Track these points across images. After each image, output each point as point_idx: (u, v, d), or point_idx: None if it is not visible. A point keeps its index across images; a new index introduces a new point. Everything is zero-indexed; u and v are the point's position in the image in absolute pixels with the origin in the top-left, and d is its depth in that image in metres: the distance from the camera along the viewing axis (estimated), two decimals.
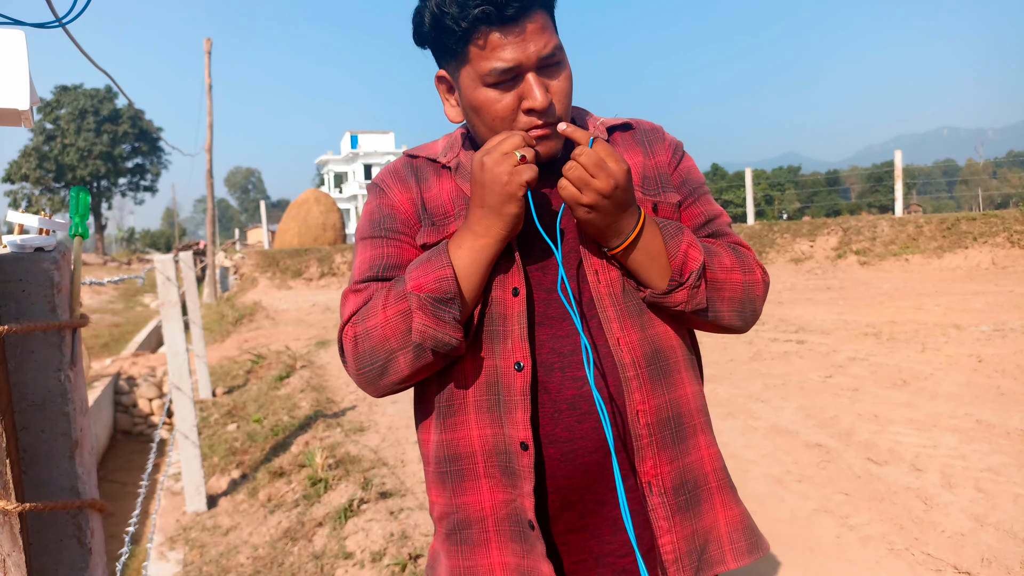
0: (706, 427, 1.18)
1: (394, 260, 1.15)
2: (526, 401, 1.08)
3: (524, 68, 1.05)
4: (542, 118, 1.07)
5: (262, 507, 4.25)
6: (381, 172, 1.26)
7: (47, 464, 0.82)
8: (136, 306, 20.88)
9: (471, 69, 1.07)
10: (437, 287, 1.04)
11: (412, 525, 3.51)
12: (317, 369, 7.61)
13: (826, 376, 5.61)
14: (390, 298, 1.07)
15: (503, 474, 1.11)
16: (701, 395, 1.20)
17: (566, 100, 1.10)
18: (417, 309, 1.04)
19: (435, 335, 1.05)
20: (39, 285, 0.81)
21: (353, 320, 1.11)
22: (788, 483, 3.66)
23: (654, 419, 1.10)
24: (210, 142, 17.60)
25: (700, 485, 1.14)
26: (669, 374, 1.13)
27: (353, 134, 64.66)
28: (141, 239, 76.15)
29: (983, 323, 6.91)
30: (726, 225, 1.24)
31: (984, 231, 11.71)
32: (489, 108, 1.08)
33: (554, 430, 1.09)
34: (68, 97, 50.48)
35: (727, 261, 1.14)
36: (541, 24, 1.04)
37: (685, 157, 1.26)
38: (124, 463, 7.39)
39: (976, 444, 3.91)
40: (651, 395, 1.10)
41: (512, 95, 1.06)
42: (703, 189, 1.25)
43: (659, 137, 1.25)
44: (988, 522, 3.05)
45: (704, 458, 1.16)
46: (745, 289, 1.15)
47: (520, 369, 1.08)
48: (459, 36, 1.05)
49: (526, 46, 1.03)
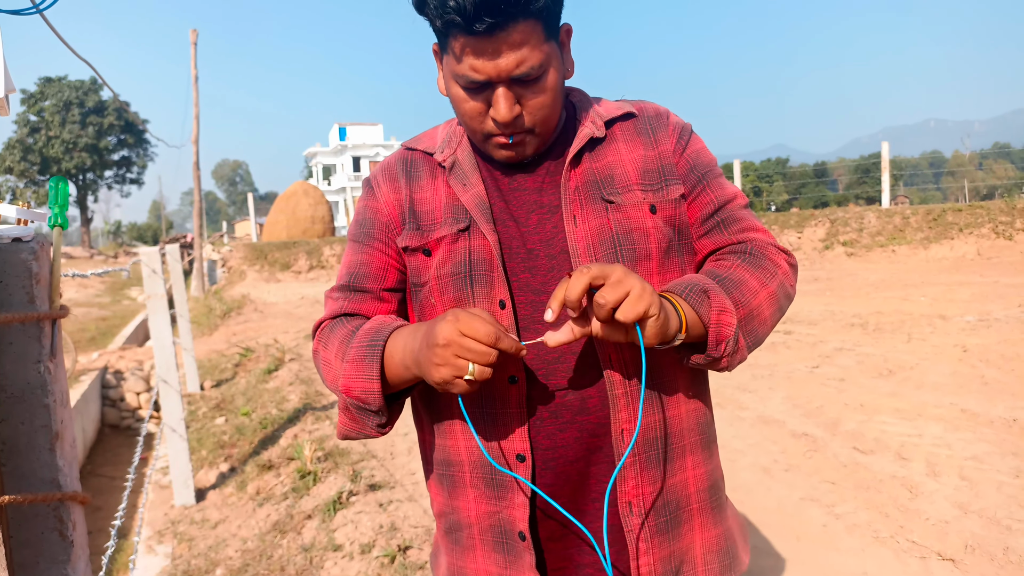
0: (698, 447, 1.15)
1: (365, 270, 1.17)
2: (523, 414, 1.07)
3: (494, 82, 1.00)
4: (506, 130, 1.05)
5: (251, 500, 4.24)
6: (377, 167, 1.25)
7: (27, 456, 0.81)
8: (123, 300, 20.74)
9: (449, 62, 1.04)
10: (362, 398, 1.05)
11: (401, 517, 3.51)
12: (306, 362, 7.58)
13: (813, 366, 5.64)
14: (341, 351, 1.10)
15: (487, 486, 1.11)
16: (701, 411, 1.16)
17: (541, 112, 1.05)
18: (342, 410, 1.10)
19: (355, 434, 1.12)
20: (17, 276, 0.80)
21: (320, 334, 1.18)
22: (775, 472, 3.69)
23: (640, 438, 1.07)
24: (196, 134, 17.45)
25: (682, 507, 1.12)
26: (663, 392, 1.10)
27: (341, 126, 64.30)
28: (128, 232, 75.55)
29: (968, 313, 6.97)
30: (740, 208, 1.17)
31: (970, 222, 11.79)
32: (459, 105, 1.06)
33: (535, 438, 1.08)
34: (52, 89, 49.89)
35: (753, 282, 1.08)
36: (521, 39, 0.97)
37: (692, 139, 1.19)
38: (112, 457, 7.36)
39: (960, 433, 3.95)
40: (639, 414, 1.07)
41: (481, 100, 1.03)
42: (714, 172, 1.18)
43: (663, 123, 1.18)
44: (972, 510, 3.08)
45: (689, 479, 1.13)
46: (778, 297, 1.11)
47: (515, 382, 1.07)
48: (439, 29, 1.02)
49: (497, 63, 0.98)
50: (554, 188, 1.12)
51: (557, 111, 1.08)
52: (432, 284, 1.12)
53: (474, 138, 1.10)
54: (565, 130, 1.16)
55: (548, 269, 1.09)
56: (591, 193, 1.11)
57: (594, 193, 1.11)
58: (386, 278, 1.17)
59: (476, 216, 1.10)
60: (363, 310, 1.17)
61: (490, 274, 1.08)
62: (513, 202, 1.13)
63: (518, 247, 1.10)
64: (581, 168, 1.12)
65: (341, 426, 1.12)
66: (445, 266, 1.11)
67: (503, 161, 1.11)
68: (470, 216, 1.11)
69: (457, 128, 1.19)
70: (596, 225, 1.09)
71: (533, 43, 0.99)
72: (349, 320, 1.15)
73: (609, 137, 1.15)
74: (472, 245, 1.10)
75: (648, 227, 1.10)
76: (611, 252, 1.08)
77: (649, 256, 1.10)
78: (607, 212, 1.10)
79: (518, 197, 1.13)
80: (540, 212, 1.12)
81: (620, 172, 1.13)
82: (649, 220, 1.11)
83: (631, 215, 1.10)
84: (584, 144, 1.13)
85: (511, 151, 1.08)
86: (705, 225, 1.16)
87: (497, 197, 1.13)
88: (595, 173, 1.12)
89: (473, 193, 1.12)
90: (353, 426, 1.10)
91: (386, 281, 1.17)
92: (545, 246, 1.10)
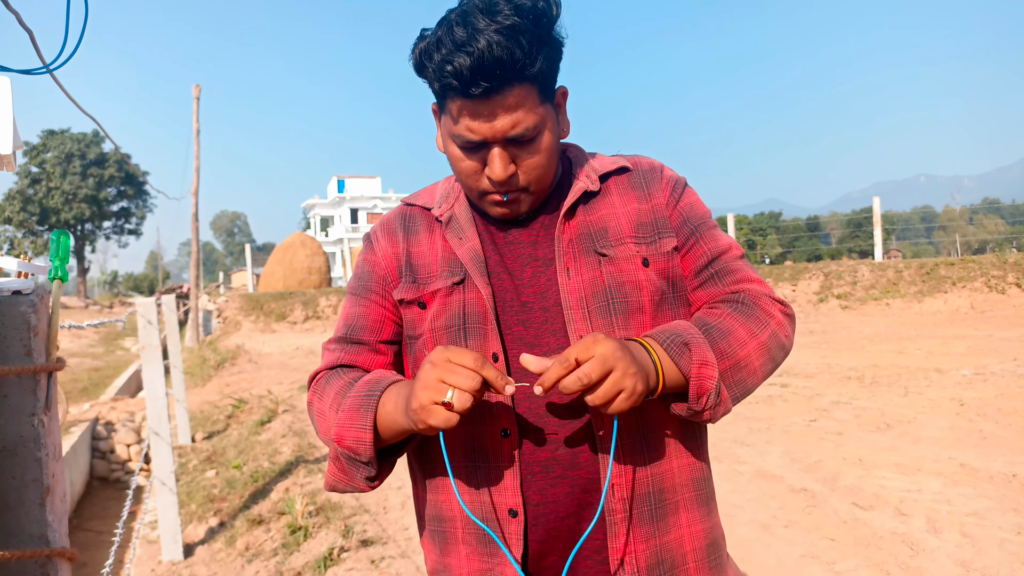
0: (693, 503, 1.12)
1: (363, 322, 1.18)
2: (515, 468, 1.06)
3: (490, 142, 1.03)
4: (500, 188, 1.07)
5: (240, 556, 4.14)
6: (376, 222, 1.27)
7: (17, 511, 0.80)
8: (117, 350, 20.62)
9: (447, 122, 1.07)
10: (354, 447, 1.04)
11: (393, 574, 3.43)
12: (299, 413, 7.50)
13: (810, 420, 5.61)
14: (336, 402, 1.10)
15: (479, 542, 1.09)
16: (696, 466, 1.14)
17: (536, 172, 1.07)
18: (332, 460, 1.09)
19: (343, 486, 1.10)
20: (15, 328, 0.80)
21: (315, 385, 1.17)
22: (774, 529, 3.63)
23: (631, 494, 1.06)
24: (196, 186, 17.62)
25: (677, 565, 1.09)
26: (656, 447, 1.09)
27: (340, 178, 64.98)
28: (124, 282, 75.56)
29: (964, 367, 6.97)
30: (735, 259, 1.17)
31: (963, 276, 11.88)
32: (456, 163, 1.09)
33: (527, 492, 1.07)
34: (55, 141, 50.51)
35: (742, 332, 1.07)
36: (516, 103, 1.00)
37: (686, 193, 1.19)
38: (100, 511, 7.21)
39: (960, 488, 3.91)
40: (630, 468, 1.06)
41: (477, 159, 1.06)
42: (707, 224, 1.18)
43: (657, 177, 1.19)
44: (974, 567, 3.03)
45: (684, 537, 1.10)
46: (770, 347, 1.10)
47: (507, 436, 1.06)
48: (437, 91, 1.06)
49: (493, 124, 1.01)
50: (548, 241, 1.13)
51: (552, 170, 1.10)
52: (427, 336, 1.13)
53: (470, 195, 1.12)
54: (561, 184, 1.18)
55: (542, 322, 1.09)
56: (585, 246, 1.12)
57: (587, 246, 1.12)
58: (382, 330, 1.18)
59: (471, 269, 1.11)
60: (359, 362, 1.17)
61: (484, 327, 1.09)
62: (508, 255, 1.14)
63: (512, 300, 1.11)
64: (575, 221, 1.14)
65: (329, 476, 1.11)
66: (439, 319, 1.11)
67: (498, 218, 1.13)
68: (465, 269, 1.12)
69: (455, 185, 1.22)
70: (589, 278, 1.10)
71: (528, 106, 1.02)
72: (346, 372, 1.15)
73: (604, 191, 1.17)
74: (466, 298, 1.11)
75: (641, 280, 1.11)
76: (604, 305, 1.09)
77: (642, 309, 1.10)
78: (600, 265, 1.11)
79: (513, 250, 1.14)
80: (535, 265, 1.12)
81: (614, 225, 1.14)
82: (642, 273, 1.11)
83: (624, 268, 1.11)
84: (578, 197, 1.14)
85: (506, 208, 1.10)
86: (699, 277, 1.16)
87: (492, 250, 1.14)
88: (589, 226, 1.14)
89: (469, 247, 1.13)
90: (342, 477, 1.09)
91: (382, 333, 1.18)
92: (539, 299, 1.11)
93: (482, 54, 0.96)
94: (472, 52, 0.96)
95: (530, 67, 0.99)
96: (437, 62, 0.99)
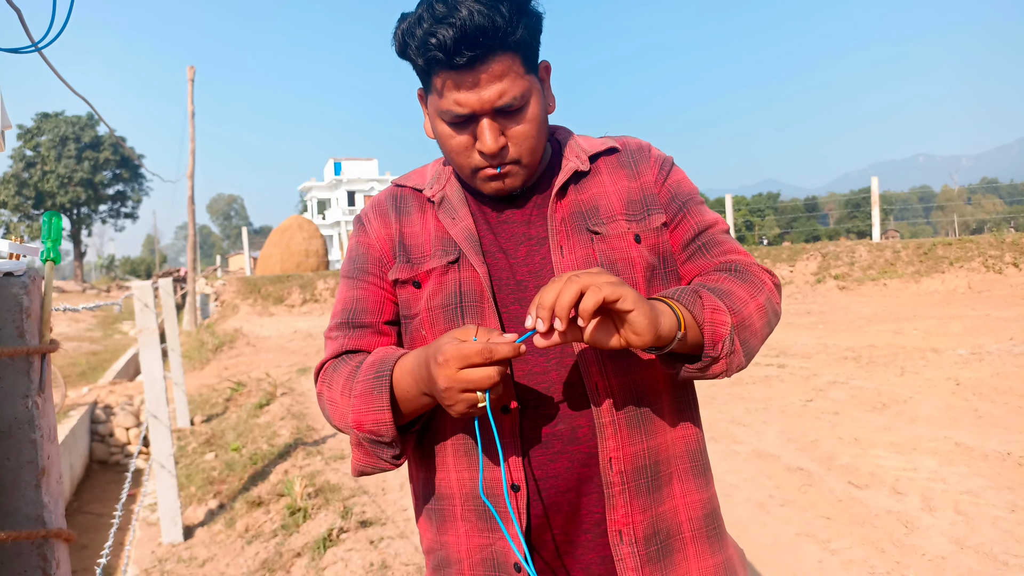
0: (688, 474, 1.13)
1: (362, 305, 1.17)
2: (516, 443, 1.07)
3: (478, 114, 1.04)
4: (492, 161, 1.07)
5: (239, 538, 4.17)
6: (367, 204, 1.27)
7: (12, 493, 0.80)
8: (114, 334, 20.62)
9: (434, 100, 1.07)
10: (375, 430, 1.04)
11: (392, 554, 3.46)
12: (298, 396, 7.53)
13: (807, 400, 5.64)
14: (347, 388, 1.09)
15: (479, 518, 1.10)
16: (690, 438, 1.15)
17: (526, 143, 1.07)
18: (355, 445, 1.10)
19: (371, 469, 1.11)
20: (7, 310, 0.80)
21: (323, 375, 1.16)
22: (770, 508, 3.66)
23: (628, 467, 1.07)
24: (192, 169, 17.54)
25: (673, 535, 1.10)
26: (651, 420, 1.10)
27: (336, 161, 64.77)
28: (121, 266, 75.39)
29: (960, 346, 6.99)
30: (721, 233, 1.19)
31: (960, 256, 11.90)
32: (446, 142, 1.09)
33: (526, 467, 1.08)
34: (49, 124, 50.18)
35: (742, 293, 1.08)
36: (501, 71, 1.01)
37: (674, 171, 1.21)
38: (100, 493, 7.25)
39: (955, 467, 3.94)
40: (627, 442, 1.07)
41: (467, 134, 1.06)
42: (695, 200, 1.20)
43: (645, 156, 1.21)
44: (968, 545, 3.06)
45: (679, 507, 1.11)
46: (767, 311, 1.11)
47: (508, 412, 1.07)
48: (421, 69, 1.06)
49: (480, 94, 1.01)
50: (541, 220, 1.14)
51: (542, 142, 1.11)
52: (423, 316, 1.13)
53: (462, 174, 1.12)
54: (551, 165, 1.19)
55: None
56: (577, 224, 1.13)
57: (580, 224, 1.13)
58: (383, 311, 1.18)
59: (465, 248, 1.11)
60: (364, 345, 1.16)
61: (480, 305, 1.09)
62: (502, 235, 1.14)
63: (507, 278, 1.12)
64: (567, 200, 1.14)
65: (355, 462, 1.11)
66: (435, 298, 1.12)
67: (492, 195, 1.13)
68: (459, 248, 1.12)
69: (445, 167, 1.22)
70: (582, 255, 1.11)
71: (513, 75, 1.03)
72: (351, 357, 1.14)
73: (593, 171, 1.18)
74: (462, 277, 1.11)
75: (633, 256, 1.12)
76: None
77: (635, 284, 1.11)
78: (593, 243, 1.12)
79: (507, 229, 1.14)
80: (528, 244, 1.13)
81: (605, 203, 1.15)
82: (634, 249, 1.13)
83: (616, 245, 1.12)
84: (569, 177, 1.15)
85: (499, 183, 1.10)
86: (687, 250, 1.17)
87: (486, 230, 1.15)
88: (580, 205, 1.14)
89: (462, 226, 1.13)
90: (368, 460, 1.10)
91: (384, 314, 1.18)
92: (534, 277, 1.11)
93: (464, 23, 0.97)
94: (454, 23, 0.97)
95: (512, 34, 1.00)
96: (420, 37, 1.00)
